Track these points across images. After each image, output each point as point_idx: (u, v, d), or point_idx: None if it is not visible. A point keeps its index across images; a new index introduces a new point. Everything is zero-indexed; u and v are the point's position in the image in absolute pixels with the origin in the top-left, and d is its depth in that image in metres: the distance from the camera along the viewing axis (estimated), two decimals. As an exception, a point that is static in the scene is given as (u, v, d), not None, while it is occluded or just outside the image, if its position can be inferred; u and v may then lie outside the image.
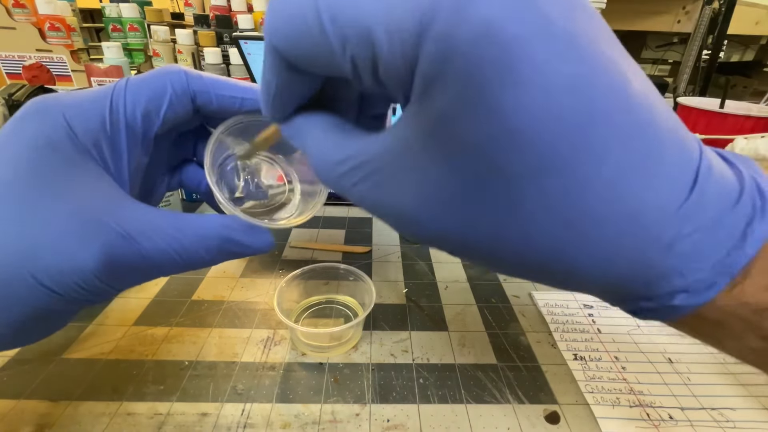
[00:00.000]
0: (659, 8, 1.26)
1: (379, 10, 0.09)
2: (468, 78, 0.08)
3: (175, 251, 0.17)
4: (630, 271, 0.10)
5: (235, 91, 0.19)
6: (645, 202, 0.10)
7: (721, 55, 1.08)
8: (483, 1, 0.08)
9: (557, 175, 0.09)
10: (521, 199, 0.10)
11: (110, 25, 1.03)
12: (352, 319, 0.33)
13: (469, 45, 0.08)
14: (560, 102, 0.09)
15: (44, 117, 0.16)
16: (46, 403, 0.25)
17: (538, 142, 0.09)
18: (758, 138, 0.52)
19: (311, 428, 0.24)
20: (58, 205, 0.15)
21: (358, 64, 0.10)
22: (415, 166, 0.11)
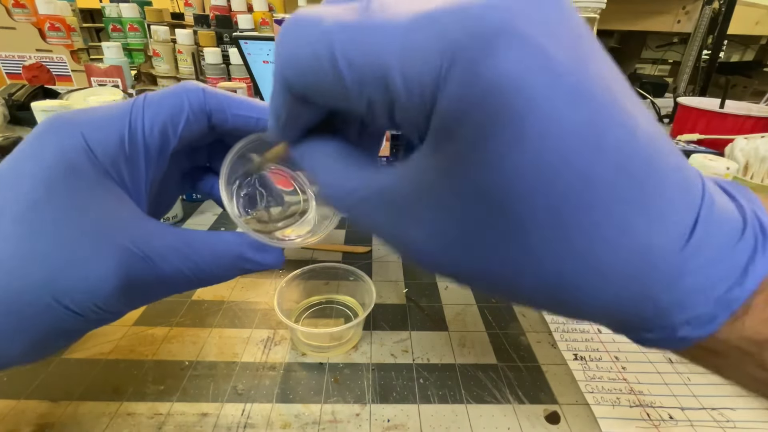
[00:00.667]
0: (659, 8, 1.26)
1: (395, 59, 0.09)
2: (481, 128, 0.09)
3: (190, 270, 0.18)
4: (636, 305, 0.11)
5: (251, 110, 0.19)
6: (651, 242, 0.10)
7: (721, 55, 1.08)
8: (499, 57, 0.08)
9: (565, 220, 0.10)
10: (529, 241, 0.10)
11: (110, 25, 1.03)
12: (352, 319, 0.33)
13: (484, 98, 0.08)
14: (568, 152, 0.09)
15: (62, 136, 0.16)
16: (46, 403, 0.25)
17: (546, 190, 0.09)
18: (758, 138, 0.52)
19: (311, 428, 0.24)
20: (78, 228, 0.15)
21: (373, 106, 0.10)
22: (425, 202, 0.11)
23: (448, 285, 0.38)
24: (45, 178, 0.15)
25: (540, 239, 0.10)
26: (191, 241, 0.18)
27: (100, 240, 0.15)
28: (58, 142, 0.16)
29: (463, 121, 0.09)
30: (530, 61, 0.08)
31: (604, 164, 0.09)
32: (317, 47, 0.10)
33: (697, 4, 1.18)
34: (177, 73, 0.93)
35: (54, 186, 0.15)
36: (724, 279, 0.10)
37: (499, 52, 0.08)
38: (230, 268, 0.19)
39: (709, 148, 0.65)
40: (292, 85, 0.12)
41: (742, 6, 1.13)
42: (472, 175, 0.09)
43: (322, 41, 0.10)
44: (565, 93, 0.09)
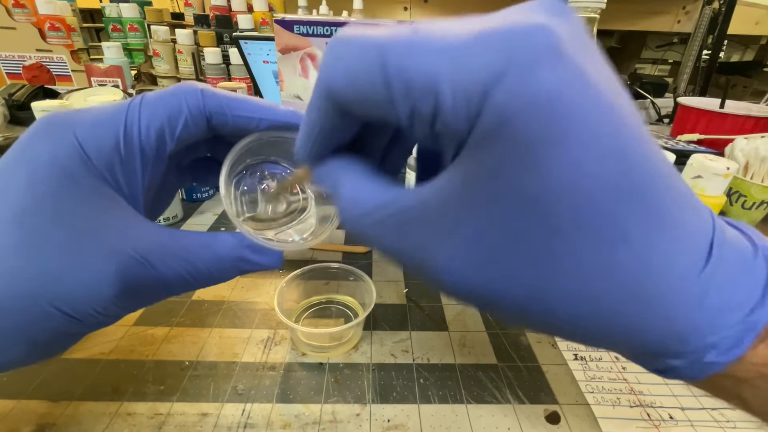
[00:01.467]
0: (659, 8, 1.26)
1: (446, 69, 0.10)
2: (525, 139, 0.09)
3: (189, 273, 0.18)
4: (662, 329, 0.11)
5: (254, 111, 0.19)
6: (675, 261, 0.10)
7: (721, 55, 1.08)
8: (545, 73, 0.09)
9: (598, 233, 0.10)
10: (561, 257, 0.10)
11: (110, 25, 1.03)
12: (352, 319, 0.33)
13: (529, 111, 0.09)
14: (604, 161, 0.09)
15: (56, 138, 0.16)
16: (46, 403, 0.25)
17: (582, 199, 0.10)
18: (758, 138, 0.52)
19: (311, 428, 0.24)
20: (73, 234, 0.15)
21: (416, 115, 0.11)
22: (456, 219, 0.11)
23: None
24: (38, 184, 0.15)
25: (573, 252, 0.10)
26: (189, 244, 0.18)
27: (97, 246, 0.15)
28: (50, 144, 0.15)
29: (505, 131, 0.09)
30: (571, 79, 0.09)
31: (633, 177, 0.10)
32: (369, 58, 0.11)
33: (697, 4, 1.18)
34: (177, 73, 0.93)
35: (48, 191, 0.15)
36: (746, 300, 0.11)
37: (545, 69, 0.09)
38: (229, 270, 0.19)
39: (709, 148, 0.65)
40: (336, 95, 0.12)
41: (742, 6, 1.13)
42: (513, 183, 0.10)
43: (375, 53, 0.11)
44: (600, 107, 0.09)
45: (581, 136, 0.09)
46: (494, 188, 0.10)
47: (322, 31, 0.41)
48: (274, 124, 0.19)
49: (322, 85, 0.12)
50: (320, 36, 0.42)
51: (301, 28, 0.41)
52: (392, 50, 0.11)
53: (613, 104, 0.09)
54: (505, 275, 0.11)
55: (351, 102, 0.12)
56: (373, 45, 0.11)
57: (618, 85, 0.10)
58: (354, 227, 0.14)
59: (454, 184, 0.11)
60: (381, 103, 0.11)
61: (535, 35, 0.09)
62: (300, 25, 0.41)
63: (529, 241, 0.10)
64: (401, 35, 0.11)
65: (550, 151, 0.09)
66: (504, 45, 0.09)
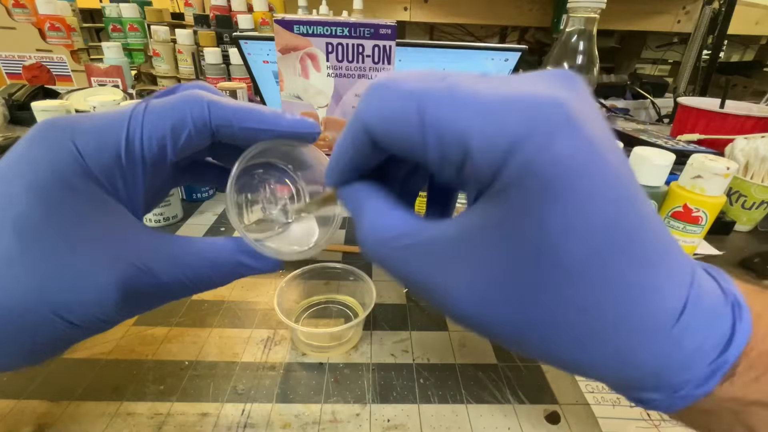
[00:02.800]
0: (659, 8, 1.26)
1: (476, 128, 0.11)
2: (540, 194, 0.11)
3: (189, 279, 0.18)
4: (643, 364, 0.12)
5: (259, 122, 0.19)
6: (664, 305, 0.12)
7: (721, 55, 1.08)
8: (560, 143, 0.11)
9: (586, 280, 0.11)
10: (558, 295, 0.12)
11: (110, 25, 1.03)
12: (352, 319, 0.33)
13: (544, 171, 0.11)
14: (608, 216, 0.11)
15: (54, 145, 0.15)
16: (46, 403, 0.25)
17: (586, 248, 0.11)
18: (758, 138, 0.52)
19: (311, 428, 0.24)
20: (75, 241, 0.15)
21: (445, 160, 0.12)
22: (475, 254, 0.12)
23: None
24: (37, 191, 0.15)
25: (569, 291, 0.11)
26: (189, 250, 0.18)
27: (98, 255, 0.15)
28: (49, 151, 0.15)
29: (523, 186, 0.11)
30: (581, 147, 0.11)
31: (627, 234, 0.11)
32: (409, 106, 0.12)
33: (697, 4, 1.18)
34: (177, 73, 0.93)
35: (47, 200, 0.15)
36: (715, 345, 0.12)
37: (561, 138, 0.11)
38: (228, 275, 0.19)
39: (709, 148, 0.65)
40: (372, 131, 0.14)
41: (742, 6, 1.13)
42: (527, 229, 0.11)
43: (415, 102, 0.12)
44: (604, 172, 0.11)
45: (586, 194, 0.11)
46: (509, 232, 0.12)
47: (322, 31, 0.41)
48: (279, 135, 0.19)
49: (360, 120, 0.14)
50: (320, 36, 0.42)
51: (301, 28, 0.41)
52: (430, 102, 0.12)
53: (613, 168, 0.11)
54: (509, 307, 0.12)
55: (385, 140, 0.13)
56: (413, 94, 0.12)
57: (615, 145, 0.12)
58: (372, 251, 0.15)
59: (474, 223, 0.12)
60: (415, 146, 0.13)
61: (554, 107, 0.11)
62: (300, 25, 0.41)
63: (531, 277, 0.12)
64: (439, 88, 0.12)
65: (559, 206, 0.11)
66: (528, 113, 0.11)
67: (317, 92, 0.45)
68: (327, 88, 0.45)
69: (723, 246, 0.47)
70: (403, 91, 0.12)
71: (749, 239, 0.50)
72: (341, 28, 0.41)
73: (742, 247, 0.48)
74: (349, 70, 0.44)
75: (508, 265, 0.12)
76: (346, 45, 0.42)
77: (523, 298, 0.12)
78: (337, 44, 0.42)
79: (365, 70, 0.44)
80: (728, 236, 0.50)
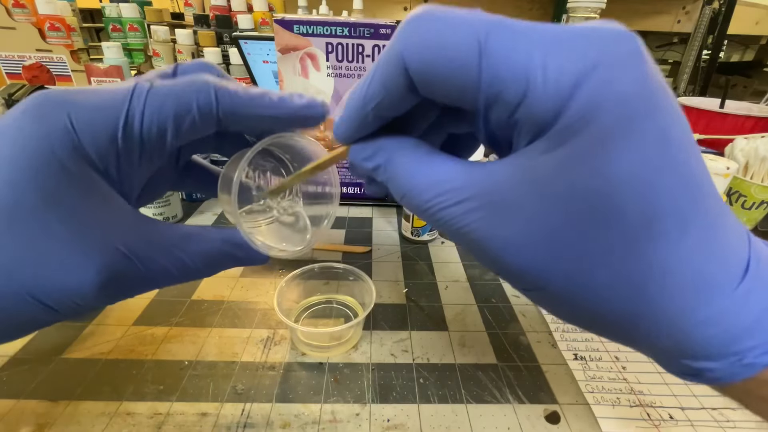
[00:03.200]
0: (659, 8, 1.26)
1: (539, 60, 0.10)
2: (610, 129, 0.10)
3: (176, 268, 0.17)
4: (706, 326, 0.11)
5: (270, 108, 0.17)
6: (723, 265, 0.11)
7: (721, 55, 1.08)
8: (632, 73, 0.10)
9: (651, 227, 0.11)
10: (626, 246, 0.11)
11: (110, 25, 1.03)
12: (352, 319, 0.33)
13: (617, 104, 0.10)
14: (673, 154, 0.10)
15: (48, 119, 0.14)
16: (45, 403, 0.25)
17: (650, 193, 0.10)
18: (758, 138, 0.52)
19: (311, 428, 0.24)
20: (58, 223, 0.14)
21: (499, 101, 0.11)
22: (531, 203, 0.11)
23: (448, 285, 0.38)
24: (22, 167, 0.14)
25: (637, 243, 0.11)
26: (178, 241, 0.17)
27: (79, 236, 0.14)
28: (41, 125, 0.14)
29: (593, 121, 0.10)
30: (654, 81, 0.10)
31: (692, 183, 0.11)
32: (462, 39, 0.11)
33: (697, 4, 1.18)
34: (177, 73, 0.93)
35: (32, 176, 0.14)
36: None
37: (632, 69, 0.10)
38: (217, 266, 0.19)
39: (709, 148, 0.65)
40: (412, 70, 0.12)
41: (742, 6, 1.13)
42: (595, 168, 0.10)
43: (472, 32, 0.11)
44: (673, 109, 0.11)
45: (660, 132, 0.10)
46: (575, 172, 0.11)
47: (322, 31, 0.41)
48: (289, 119, 0.18)
49: (398, 55, 0.12)
50: (320, 36, 0.42)
51: (301, 28, 0.41)
52: (492, 32, 0.11)
53: (682, 120, 0.11)
54: (567, 256, 0.11)
55: (429, 78, 0.12)
56: (471, 24, 0.11)
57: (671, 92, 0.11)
58: (415, 207, 0.14)
59: (530, 166, 0.11)
60: (465, 83, 0.11)
61: (622, 38, 0.10)
62: (300, 25, 0.41)
63: (596, 223, 0.11)
64: (496, 19, 0.11)
65: (629, 141, 0.10)
66: (595, 43, 0.10)
67: (317, 92, 0.45)
68: (327, 87, 0.45)
69: (723, 246, 0.47)
70: (458, 20, 0.11)
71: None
72: (341, 28, 0.41)
73: (742, 247, 0.48)
74: (349, 70, 0.44)
75: (572, 207, 0.11)
76: (346, 45, 0.42)
77: (583, 251, 0.11)
78: (337, 44, 0.42)
79: (365, 70, 0.44)
80: (728, 236, 0.50)
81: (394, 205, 0.53)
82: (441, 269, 0.40)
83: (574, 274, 0.12)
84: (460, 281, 0.38)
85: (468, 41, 0.11)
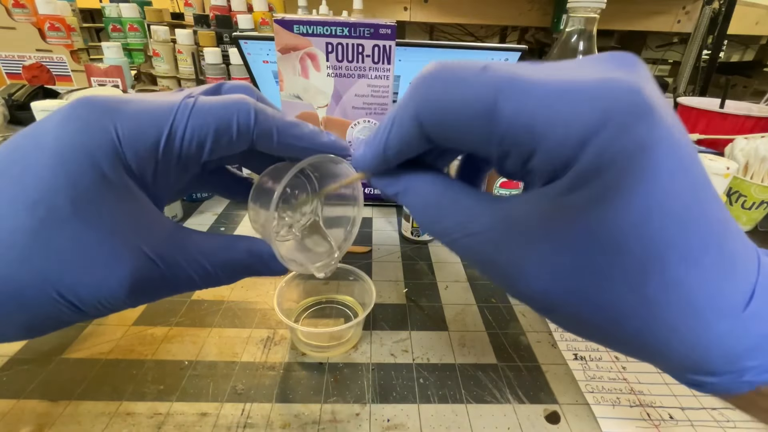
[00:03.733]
0: (659, 8, 1.26)
1: (548, 118, 0.11)
2: (622, 176, 0.11)
3: (199, 276, 0.18)
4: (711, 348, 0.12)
5: (300, 139, 0.19)
6: (731, 291, 0.12)
7: (721, 55, 1.08)
8: (640, 130, 0.11)
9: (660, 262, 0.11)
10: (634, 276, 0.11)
11: (110, 25, 1.03)
12: (352, 319, 0.33)
13: (624, 160, 0.11)
14: (680, 199, 0.11)
15: (93, 126, 0.15)
16: (45, 403, 0.25)
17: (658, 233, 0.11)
18: (758, 138, 0.52)
19: (311, 428, 0.24)
20: (92, 225, 0.15)
21: (511, 155, 0.12)
22: (552, 235, 0.12)
23: (448, 285, 0.38)
24: (64, 170, 0.14)
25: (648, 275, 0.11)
26: (205, 246, 0.18)
27: (114, 241, 0.15)
28: (85, 130, 0.15)
29: (600, 176, 0.11)
30: (662, 136, 0.11)
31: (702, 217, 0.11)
32: (481, 92, 0.12)
33: (697, 4, 1.18)
34: (177, 73, 0.93)
35: (72, 179, 0.14)
36: None
37: (640, 126, 0.11)
38: (238, 276, 0.19)
39: (709, 148, 0.65)
40: (425, 124, 0.13)
41: (742, 6, 1.13)
42: (607, 213, 0.11)
43: (488, 87, 0.12)
44: (683, 162, 0.11)
45: (665, 179, 0.11)
46: (589, 215, 0.11)
47: (322, 31, 0.41)
48: (315, 151, 0.19)
49: (412, 111, 0.13)
50: (320, 36, 0.42)
51: (301, 28, 0.41)
52: (502, 93, 0.11)
53: (691, 159, 0.11)
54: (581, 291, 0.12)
55: (441, 132, 0.13)
56: (485, 80, 0.12)
57: (684, 130, 0.12)
58: (436, 237, 0.15)
59: (550, 205, 0.12)
60: (477, 138, 0.12)
61: (629, 93, 0.11)
62: (300, 25, 0.41)
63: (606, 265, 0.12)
64: (504, 79, 0.12)
65: (635, 197, 0.11)
66: (603, 100, 0.11)
67: (317, 92, 0.45)
68: (327, 87, 0.45)
69: (723, 246, 0.47)
70: (469, 81, 0.12)
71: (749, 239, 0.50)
72: (341, 28, 0.41)
73: (742, 247, 0.48)
74: (349, 69, 0.44)
75: (586, 248, 0.12)
76: (346, 45, 0.42)
77: (596, 281, 0.12)
78: (337, 44, 0.42)
79: (365, 70, 0.44)
80: (728, 236, 0.50)
81: (394, 205, 0.53)
82: (441, 269, 0.40)
83: (586, 301, 0.12)
84: (460, 281, 0.38)
85: (479, 103, 0.12)
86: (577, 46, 0.59)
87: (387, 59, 0.43)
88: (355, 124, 0.47)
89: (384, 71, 0.44)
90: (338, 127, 0.47)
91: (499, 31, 1.62)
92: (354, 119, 0.47)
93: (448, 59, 0.13)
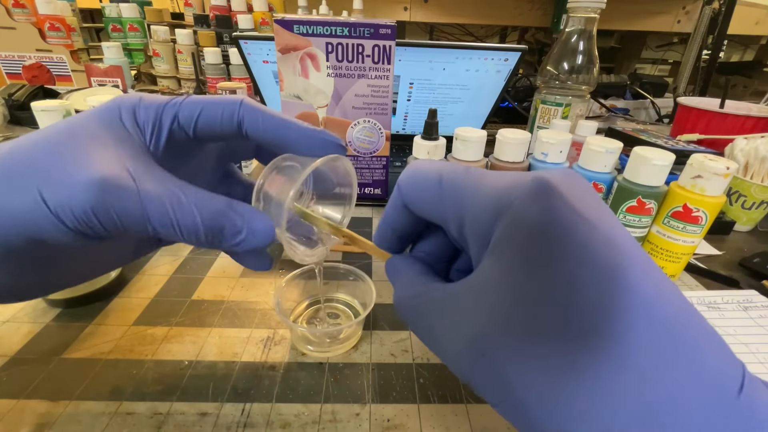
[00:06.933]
0: (659, 8, 1.26)
1: (469, 197, 0.15)
2: (527, 248, 0.13)
3: (172, 206, 0.17)
4: None
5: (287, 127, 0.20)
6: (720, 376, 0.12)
7: (721, 55, 1.08)
8: (536, 207, 0.13)
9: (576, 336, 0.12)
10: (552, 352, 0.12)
11: (110, 25, 1.03)
12: (352, 319, 0.33)
13: (525, 231, 0.13)
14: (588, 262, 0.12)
15: (125, 96, 0.19)
16: (45, 403, 0.25)
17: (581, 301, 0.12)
18: (758, 138, 0.52)
19: (311, 428, 0.24)
20: (87, 142, 0.17)
21: (449, 225, 0.17)
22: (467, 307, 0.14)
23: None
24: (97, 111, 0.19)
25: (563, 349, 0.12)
26: (182, 184, 0.18)
27: (98, 153, 0.17)
28: (120, 97, 0.19)
29: (508, 246, 0.13)
30: (558, 207, 0.12)
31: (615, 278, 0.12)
32: (430, 181, 0.17)
33: (697, 4, 1.18)
34: (177, 73, 0.94)
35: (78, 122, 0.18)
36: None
37: (539, 204, 0.13)
38: (216, 230, 0.18)
39: (709, 148, 0.65)
40: (406, 201, 0.18)
41: (742, 6, 1.13)
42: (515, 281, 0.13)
43: (437, 169, 0.17)
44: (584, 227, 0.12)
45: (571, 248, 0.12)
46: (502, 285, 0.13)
47: (322, 31, 0.41)
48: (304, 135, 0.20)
49: (398, 194, 0.19)
50: (320, 36, 0.42)
51: (301, 28, 0.41)
52: (445, 178, 0.17)
53: (595, 225, 0.12)
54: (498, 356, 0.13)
55: (415, 207, 0.18)
56: (435, 169, 0.17)
57: (608, 213, 0.13)
58: (396, 309, 0.19)
59: (470, 281, 0.15)
60: (436, 210, 0.17)
61: (534, 182, 0.13)
62: (300, 25, 0.41)
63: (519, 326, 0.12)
64: (452, 171, 0.17)
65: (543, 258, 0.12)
66: (509, 189, 0.14)
67: (317, 92, 0.45)
68: (327, 87, 0.45)
69: (723, 246, 0.47)
70: (430, 168, 0.18)
71: (749, 239, 0.50)
72: (341, 28, 0.41)
73: (741, 247, 0.48)
74: (349, 69, 0.44)
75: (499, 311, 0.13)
76: (346, 45, 0.42)
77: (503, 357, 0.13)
78: (337, 44, 0.42)
79: (365, 70, 0.44)
80: (728, 236, 0.50)
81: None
82: (441, 269, 0.40)
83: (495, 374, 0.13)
84: (460, 281, 0.38)
85: (432, 174, 0.17)
86: (577, 46, 0.60)
87: (387, 59, 0.43)
88: (355, 124, 0.47)
89: (384, 71, 0.44)
90: (338, 127, 0.47)
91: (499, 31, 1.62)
92: (354, 119, 0.47)
93: None
